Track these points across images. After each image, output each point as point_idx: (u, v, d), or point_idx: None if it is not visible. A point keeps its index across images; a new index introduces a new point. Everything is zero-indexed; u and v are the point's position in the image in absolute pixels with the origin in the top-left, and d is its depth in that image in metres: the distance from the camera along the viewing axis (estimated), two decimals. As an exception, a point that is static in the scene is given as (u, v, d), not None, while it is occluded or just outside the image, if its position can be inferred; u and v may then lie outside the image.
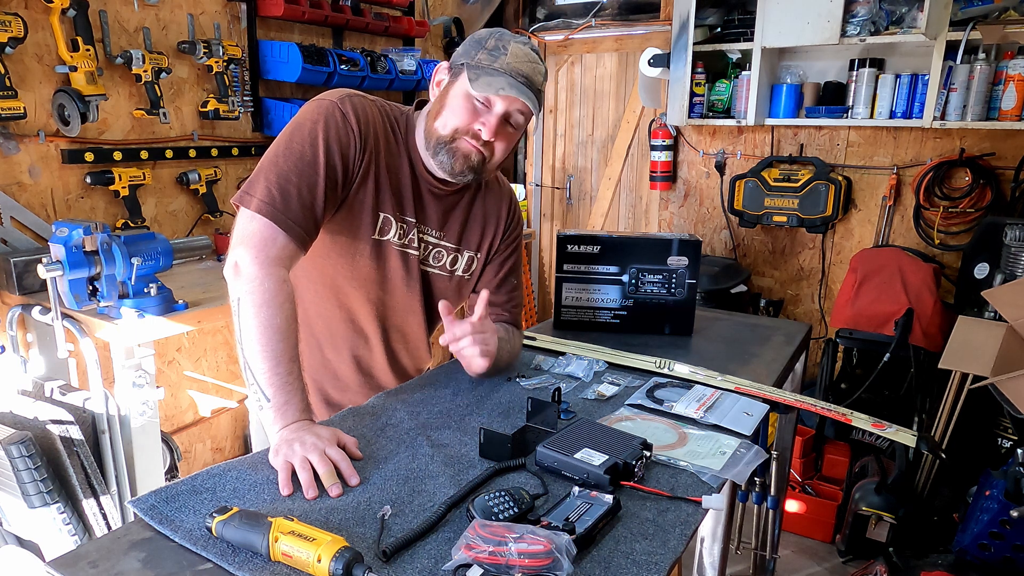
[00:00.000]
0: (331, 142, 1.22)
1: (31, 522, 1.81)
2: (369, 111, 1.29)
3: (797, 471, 2.93)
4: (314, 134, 1.21)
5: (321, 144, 1.21)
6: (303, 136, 1.21)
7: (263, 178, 1.18)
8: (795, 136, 3.44)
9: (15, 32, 2.03)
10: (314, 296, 1.39)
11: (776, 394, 1.41)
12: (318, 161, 1.20)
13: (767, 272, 3.64)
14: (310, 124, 1.22)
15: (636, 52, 3.72)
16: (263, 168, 1.20)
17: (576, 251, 1.74)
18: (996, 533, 2.20)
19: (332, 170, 1.22)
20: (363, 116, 1.26)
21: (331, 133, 1.22)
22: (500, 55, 1.24)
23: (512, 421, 1.25)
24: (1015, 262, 2.57)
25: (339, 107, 1.24)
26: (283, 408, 1.10)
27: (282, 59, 2.81)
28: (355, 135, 1.25)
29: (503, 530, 0.82)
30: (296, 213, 1.18)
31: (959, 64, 2.80)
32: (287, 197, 1.17)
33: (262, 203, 1.16)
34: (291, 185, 1.18)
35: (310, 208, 1.20)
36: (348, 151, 1.24)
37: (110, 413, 1.94)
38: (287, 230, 1.17)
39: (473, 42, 1.28)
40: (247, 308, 1.12)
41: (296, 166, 1.19)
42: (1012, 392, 1.93)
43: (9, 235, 2.17)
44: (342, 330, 1.42)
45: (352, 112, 1.25)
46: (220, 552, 0.85)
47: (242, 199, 1.18)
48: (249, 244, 1.15)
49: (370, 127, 1.27)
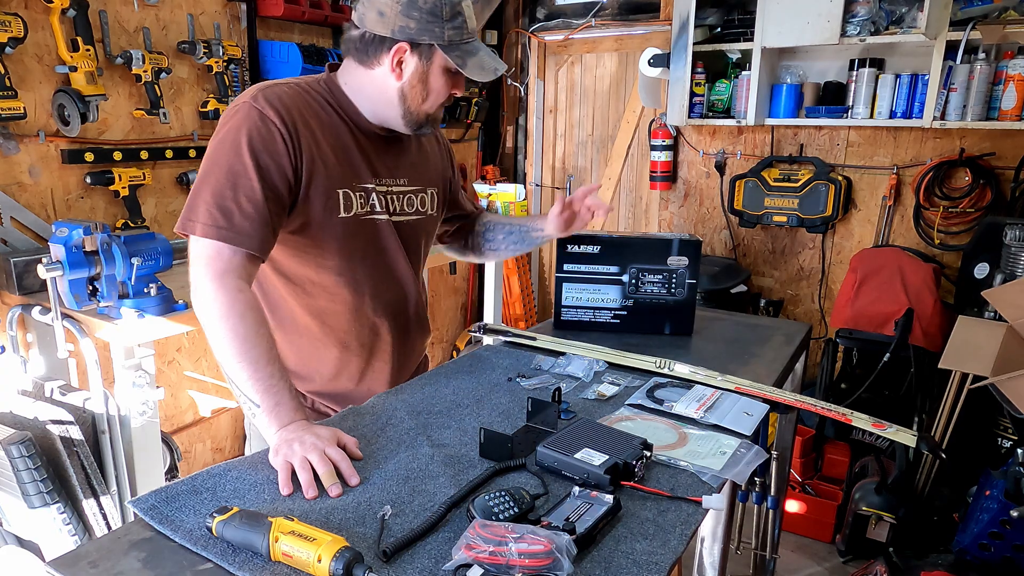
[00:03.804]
0: (256, 145, 1.19)
1: (31, 522, 1.81)
2: (285, 97, 1.24)
3: (797, 471, 2.93)
4: (237, 143, 1.18)
5: (246, 151, 1.18)
6: (227, 149, 1.19)
7: (200, 201, 1.17)
8: (795, 136, 3.44)
9: (15, 32, 2.03)
10: (306, 299, 1.38)
11: (776, 394, 1.41)
12: (248, 169, 1.18)
13: (767, 272, 3.64)
14: (232, 135, 1.19)
15: (636, 52, 3.72)
16: (198, 191, 1.18)
17: (576, 251, 1.74)
18: (996, 533, 2.20)
19: (266, 171, 1.19)
20: (281, 105, 1.22)
21: (254, 136, 1.19)
22: (462, 20, 1.24)
23: (512, 421, 1.25)
24: (1015, 262, 2.57)
25: (254, 107, 1.21)
26: (275, 410, 1.10)
27: (282, 59, 2.81)
28: (279, 129, 1.21)
29: (503, 530, 0.82)
30: (240, 225, 1.16)
31: (959, 64, 2.80)
32: (227, 213, 1.16)
33: (205, 226, 1.15)
34: (228, 201, 1.16)
35: (253, 217, 1.17)
36: (276, 147, 1.21)
37: (110, 413, 1.94)
38: (234, 243, 1.16)
39: (426, 15, 1.21)
40: (210, 323, 1.13)
41: (228, 180, 1.17)
42: (1012, 392, 1.93)
43: (9, 235, 2.17)
44: (353, 325, 1.41)
45: (269, 107, 1.21)
46: (220, 552, 0.85)
47: (184, 227, 1.17)
48: (199, 265, 1.16)
49: (292, 112, 1.23)
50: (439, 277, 4.19)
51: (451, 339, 4.39)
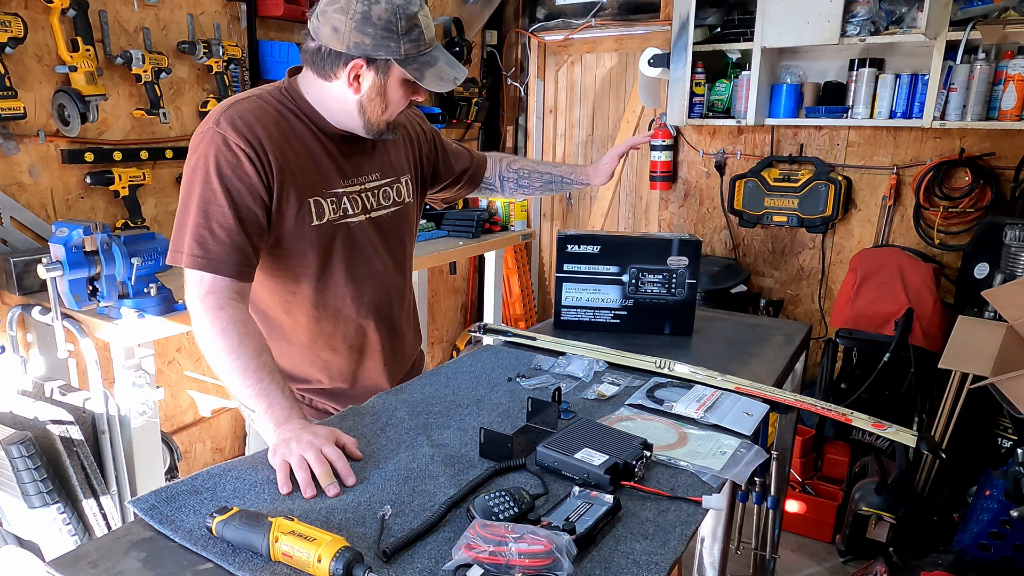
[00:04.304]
0: (224, 171, 1.22)
1: (31, 522, 1.81)
2: (247, 114, 1.26)
3: (797, 471, 2.93)
4: (206, 172, 1.22)
5: (215, 179, 1.21)
6: (199, 179, 1.23)
7: (180, 233, 1.23)
8: (795, 136, 3.44)
9: (15, 32, 2.03)
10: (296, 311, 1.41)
11: (776, 394, 1.41)
12: (219, 196, 1.22)
13: (767, 272, 3.64)
14: (201, 163, 1.23)
15: (636, 52, 3.72)
16: (178, 222, 1.24)
17: (576, 251, 1.74)
18: (996, 533, 2.20)
19: (236, 195, 1.23)
20: (244, 126, 1.24)
21: (221, 163, 1.22)
22: (418, 33, 1.24)
23: (512, 421, 1.25)
24: (1015, 262, 2.57)
25: (218, 132, 1.23)
26: (269, 411, 1.13)
27: (282, 59, 2.81)
28: (244, 151, 1.23)
29: (503, 530, 0.82)
30: (214, 252, 1.21)
31: (959, 64, 2.79)
32: (202, 242, 1.21)
33: (189, 256, 1.21)
34: (204, 230, 1.21)
35: (226, 243, 1.22)
36: (243, 169, 1.23)
37: (110, 413, 1.94)
38: (209, 270, 1.21)
39: (380, 31, 1.21)
40: (200, 342, 1.21)
41: (201, 210, 1.22)
42: (1012, 392, 1.93)
43: (9, 235, 2.17)
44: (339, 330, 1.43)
45: (232, 130, 1.23)
46: (220, 552, 0.85)
47: (174, 258, 1.24)
48: (187, 292, 1.23)
49: (255, 130, 1.25)
50: (439, 277, 4.18)
51: (451, 339, 4.39)
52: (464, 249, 3.13)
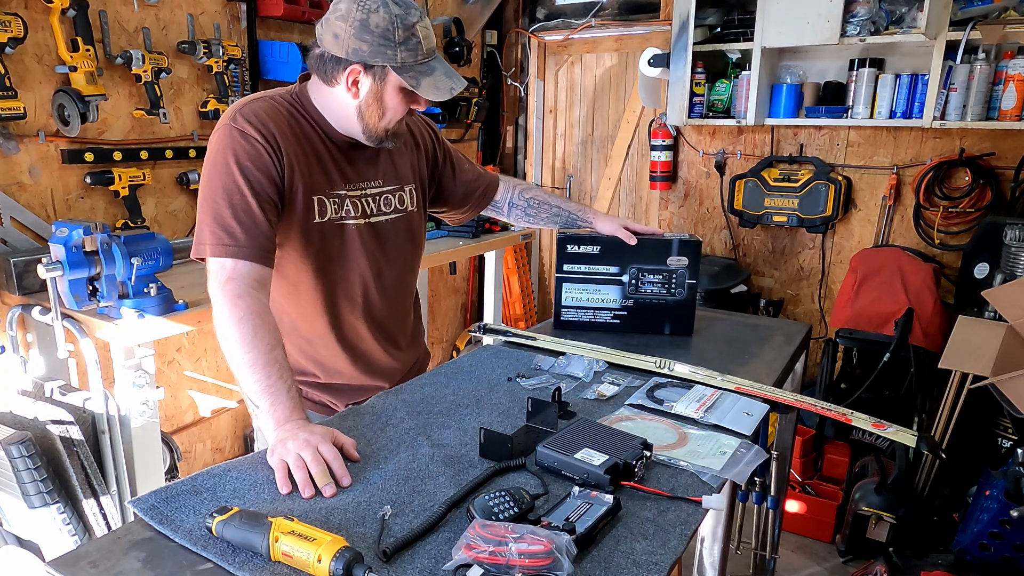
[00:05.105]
0: (243, 162, 1.27)
1: (31, 522, 1.81)
2: (261, 112, 1.31)
3: (797, 471, 2.93)
4: (227, 165, 1.26)
5: (236, 170, 1.26)
6: (219, 172, 1.27)
7: (204, 225, 1.26)
8: (795, 136, 3.44)
9: (15, 32, 2.03)
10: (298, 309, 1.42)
11: (776, 394, 1.41)
12: (241, 187, 1.26)
13: (767, 272, 3.64)
14: (220, 158, 1.27)
15: (636, 52, 3.72)
16: (200, 217, 1.28)
17: (576, 251, 1.74)
18: (996, 533, 2.20)
19: (257, 184, 1.27)
20: (258, 121, 1.29)
21: (240, 154, 1.27)
22: (416, 42, 1.27)
23: (512, 421, 1.25)
24: (1015, 262, 2.57)
25: (235, 127, 1.28)
26: (271, 409, 1.13)
27: (282, 59, 2.81)
28: (260, 143, 1.28)
29: (503, 530, 0.82)
30: (241, 239, 1.24)
31: (959, 64, 2.80)
32: (229, 230, 1.24)
33: (213, 246, 1.25)
34: (228, 218, 1.25)
35: (252, 229, 1.25)
36: (262, 159, 1.28)
37: (110, 413, 1.94)
38: (236, 256, 1.24)
39: (378, 38, 1.25)
40: (217, 329, 1.21)
41: (226, 201, 1.25)
42: (1012, 392, 1.93)
43: (9, 235, 2.17)
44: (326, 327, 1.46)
45: (248, 124, 1.28)
46: (220, 552, 0.85)
47: (198, 251, 1.27)
48: (211, 281, 1.25)
49: (269, 125, 1.30)
50: (439, 277, 4.18)
51: (451, 339, 4.39)
52: (464, 249, 3.13)
